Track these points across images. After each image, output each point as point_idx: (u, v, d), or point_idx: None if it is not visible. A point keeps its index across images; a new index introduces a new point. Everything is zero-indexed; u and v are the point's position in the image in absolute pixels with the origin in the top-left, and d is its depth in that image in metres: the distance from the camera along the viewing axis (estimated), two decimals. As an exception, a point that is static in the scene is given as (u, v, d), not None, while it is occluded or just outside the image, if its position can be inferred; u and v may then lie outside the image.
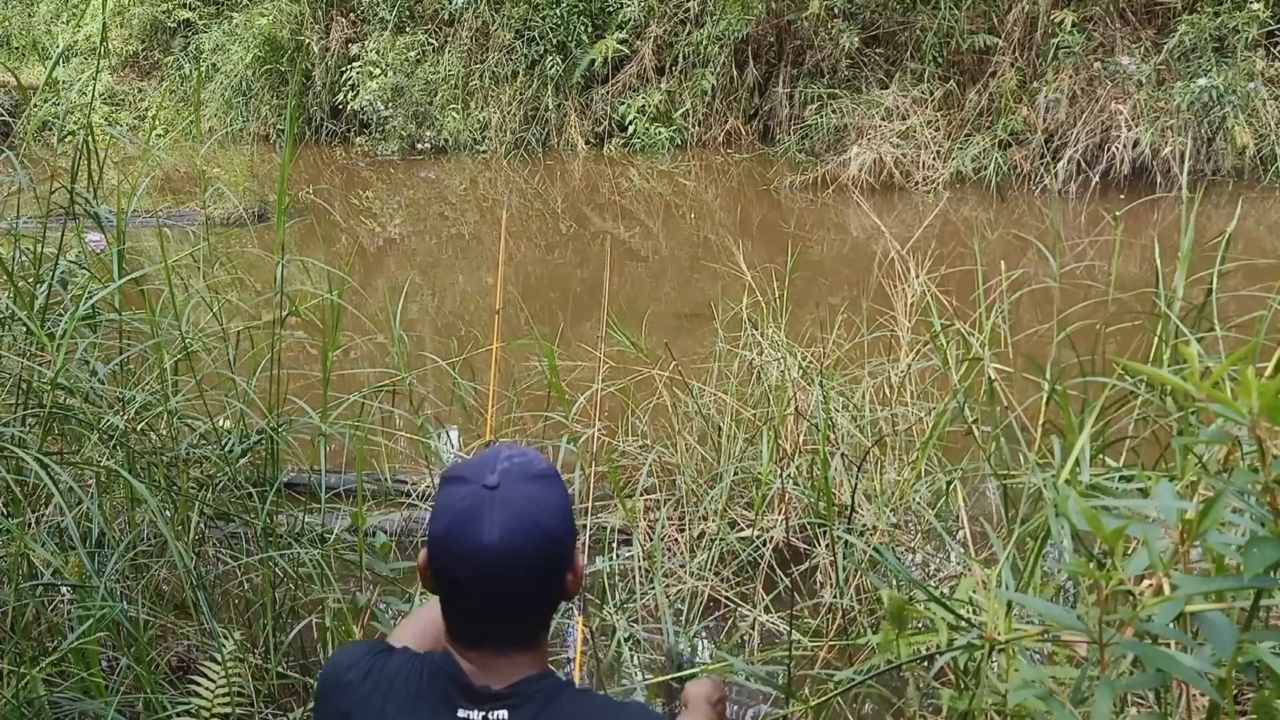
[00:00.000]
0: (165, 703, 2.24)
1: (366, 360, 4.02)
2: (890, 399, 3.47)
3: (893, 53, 10.34)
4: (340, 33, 12.37)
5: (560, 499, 1.14)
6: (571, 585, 1.16)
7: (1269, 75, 8.58)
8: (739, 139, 11.02)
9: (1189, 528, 0.91)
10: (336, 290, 2.79)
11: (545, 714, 1.09)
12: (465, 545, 1.08)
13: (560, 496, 1.14)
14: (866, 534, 3.09)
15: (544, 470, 1.14)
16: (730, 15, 10.64)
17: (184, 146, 10.75)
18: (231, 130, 12.81)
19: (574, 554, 1.16)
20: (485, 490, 1.09)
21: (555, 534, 1.11)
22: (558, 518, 1.12)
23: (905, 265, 3.56)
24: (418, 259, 8.78)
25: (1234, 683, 1.00)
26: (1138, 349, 2.62)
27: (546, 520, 1.10)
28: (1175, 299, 2.29)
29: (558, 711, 1.09)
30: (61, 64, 11.91)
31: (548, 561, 1.11)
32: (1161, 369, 1.91)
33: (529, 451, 1.17)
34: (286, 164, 2.57)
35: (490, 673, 1.11)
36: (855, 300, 3.91)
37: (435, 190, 11.05)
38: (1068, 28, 9.08)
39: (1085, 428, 1.82)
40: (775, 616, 3.08)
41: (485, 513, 1.07)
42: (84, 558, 2.21)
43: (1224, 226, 2.46)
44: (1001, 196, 8.92)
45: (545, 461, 1.16)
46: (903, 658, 1.61)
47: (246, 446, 2.76)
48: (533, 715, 1.09)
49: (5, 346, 2.51)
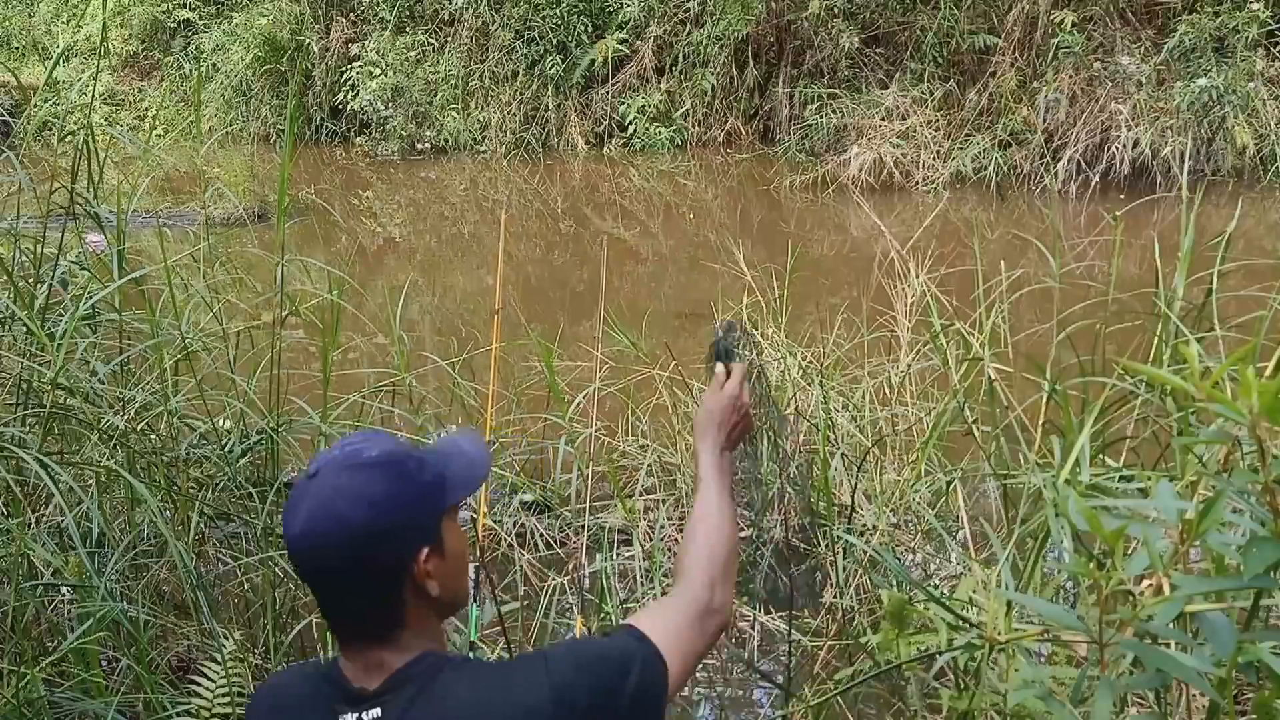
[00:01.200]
0: (165, 703, 2.24)
1: (366, 360, 4.02)
2: (890, 399, 3.47)
3: (893, 53, 10.34)
4: (340, 33, 12.38)
5: (376, 488, 1.06)
6: (422, 576, 1.08)
7: (1269, 75, 8.58)
8: (739, 139, 11.02)
9: (1189, 528, 0.91)
10: (336, 290, 2.79)
11: (420, 700, 1.05)
12: (285, 537, 1.08)
13: (378, 486, 1.06)
14: (866, 534, 3.09)
15: (372, 459, 1.08)
16: (730, 15, 10.64)
17: (184, 146, 10.75)
18: (231, 130, 12.82)
19: (404, 544, 1.08)
20: (305, 480, 1.08)
21: (356, 524, 1.04)
22: (364, 508, 1.05)
23: (905, 265, 3.56)
24: (418, 259, 8.78)
25: (1234, 683, 1.00)
26: (1138, 349, 2.62)
27: (348, 511, 1.04)
28: (1175, 299, 2.29)
29: (430, 698, 1.05)
30: (61, 64, 11.91)
31: (353, 552, 1.05)
32: (1161, 369, 1.91)
33: (374, 439, 1.11)
34: (286, 164, 2.57)
35: (369, 671, 1.08)
36: (855, 300, 3.91)
37: (435, 190, 11.05)
38: (1068, 28, 9.08)
39: (1085, 428, 1.82)
40: (775, 616, 3.08)
41: (298, 504, 1.07)
42: (84, 558, 2.21)
43: (1224, 226, 2.46)
44: (1001, 196, 8.92)
45: (384, 450, 1.09)
46: (903, 658, 1.61)
47: (246, 446, 2.76)
48: (405, 707, 1.05)
49: (5, 346, 2.51)
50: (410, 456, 1.11)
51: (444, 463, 1.14)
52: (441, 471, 1.13)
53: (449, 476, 1.14)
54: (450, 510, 1.14)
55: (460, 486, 1.14)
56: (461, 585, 1.18)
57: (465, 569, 1.18)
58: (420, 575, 1.08)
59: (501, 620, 2.42)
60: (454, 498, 1.13)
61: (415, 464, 1.10)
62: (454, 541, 1.14)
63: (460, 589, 1.17)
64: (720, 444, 1.44)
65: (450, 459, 1.16)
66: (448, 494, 1.13)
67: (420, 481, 1.10)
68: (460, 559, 1.16)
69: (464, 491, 1.15)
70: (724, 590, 1.26)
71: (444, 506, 1.12)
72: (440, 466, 1.13)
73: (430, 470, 1.11)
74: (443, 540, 1.11)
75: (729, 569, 1.30)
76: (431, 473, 1.11)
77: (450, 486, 1.13)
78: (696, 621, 1.20)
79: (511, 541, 3.37)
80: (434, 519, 1.11)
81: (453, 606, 1.17)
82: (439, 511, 1.11)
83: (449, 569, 1.13)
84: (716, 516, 1.34)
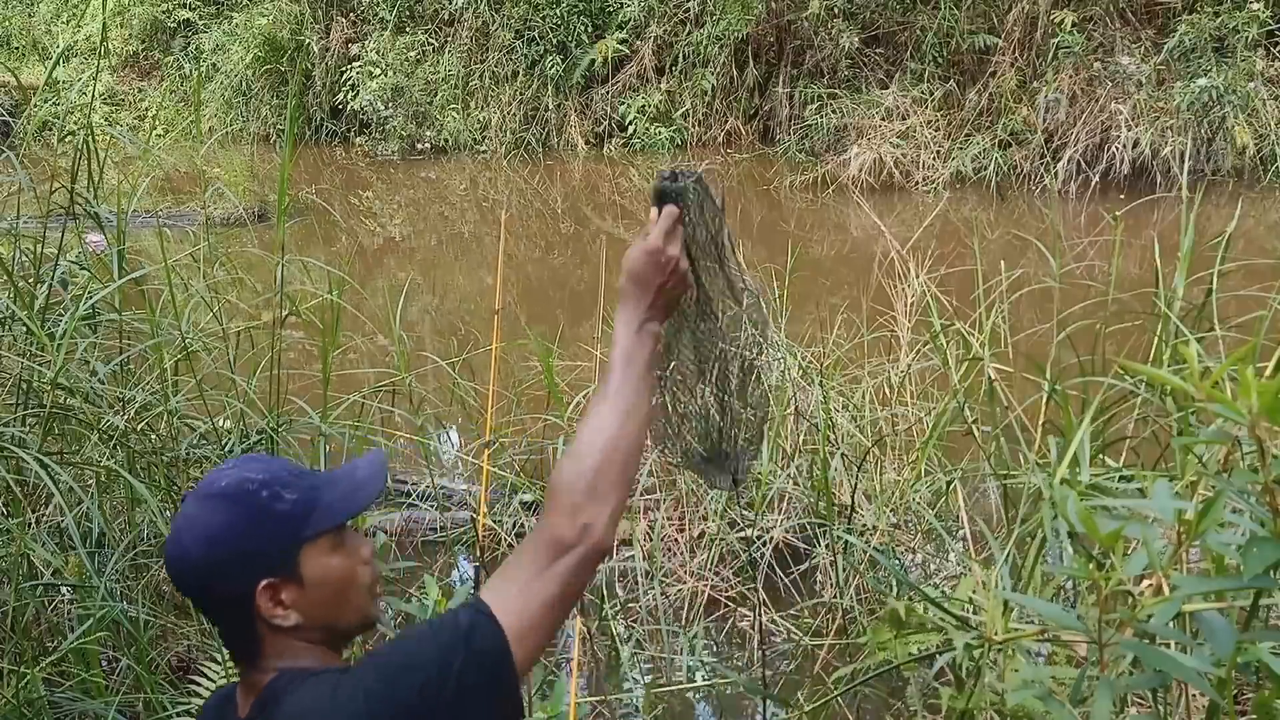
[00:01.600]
0: (165, 703, 2.24)
1: (366, 360, 4.02)
2: (890, 399, 3.47)
3: (893, 53, 10.34)
4: (340, 33, 12.38)
5: (215, 521, 1.06)
6: (265, 609, 1.06)
7: (1269, 75, 8.58)
8: (739, 139, 11.02)
9: (1188, 528, 0.91)
10: (336, 290, 2.79)
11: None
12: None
13: (218, 518, 1.06)
14: (866, 534, 3.09)
15: (219, 489, 1.07)
16: (730, 15, 10.64)
17: (184, 146, 10.75)
18: (231, 130, 12.82)
19: (242, 578, 1.06)
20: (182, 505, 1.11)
21: (196, 557, 1.05)
22: (202, 542, 1.05)
23: (905, 265, 3.56)
24: (418, 259, 8.78)
25: (1234, 683, 1.00)
26: (1138, 349, 2.62)
27: (189, 543, 1.06)
28: (1175, 299, 2.29)
29: (273, 716, 1.06)
30: (61, 64, 11.90)
31: (197, 582, 1.07)
32: (1161, 369, 1.91)
33: (239, 467, 1.10)
34: (286, 164, 2.57)
35: (247, 693, 1.10)
36: (855, 300, 3.91)
37: (435, 190, 11.05)
38: (1068, 28, 9.08)
39: (1085, 428, 1.82)
40: (775, 616, 3.08)
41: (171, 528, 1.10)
42: (84, 558, 2.21)
43: (1224, 226, 2.46)
44: (1001, 196, 8.92)
45: (236, 479, 1.08)
46: (901, 658, 1.61)
47: (246, 446, 2.76)
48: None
49: (5, 346, 2.51)
50: (267, 485, 1.08)
51: (317, 489, 1.11)
52: (309, 499, 1.09)
53: (319, 503, 1.10)
54: (322, 538, 1.09)
55: (332, 513, 1.10)
56: (347, 612, 1.12)
57: (352, 594, 1.12)
58: (263, 608, 1.06)
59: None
60: (322, 524, 1.09)
61: (270, 494, 1.07)
62: (326, 569, 1.10)
63: (346, 616, 1.12)
64: (641, 314, 1.19)
65: (332, 484, 1.12)
66: (310, 522, 1.08)
67: (271, 512, 1.07)
68: (341, 585, 1.11)
69: (336, 518, 1.10)
70: (595, 512, 1.06)
71: (302, 536, 1.08)
72: (310, 493, 1.10)
73: (289, 500, 1.08)
74: (299, 570, 1.08)
75: (614, 484, 1.08)
76: (290, 502, 1.08)
77: (318, 514, 1.09)
78: (548, 566, 1.05)
79: (511, 541, 3.37)
80: (283, 549, 1.07)
81: (341, 633, 1.14)
82: (294, 541, 1.08)
83: (316, 598, 1.09)
84: (610, 415, 1.12)
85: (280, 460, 1.14)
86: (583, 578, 1.07)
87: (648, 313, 1.19)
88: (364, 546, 1.15)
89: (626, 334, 1.18)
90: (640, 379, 1.16)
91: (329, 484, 1.12)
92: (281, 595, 1.07)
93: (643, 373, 1.16)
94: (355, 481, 1.14)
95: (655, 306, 1.20)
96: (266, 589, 1.06)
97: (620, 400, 1.13)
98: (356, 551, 1.13)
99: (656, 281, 1.20)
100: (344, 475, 1.14)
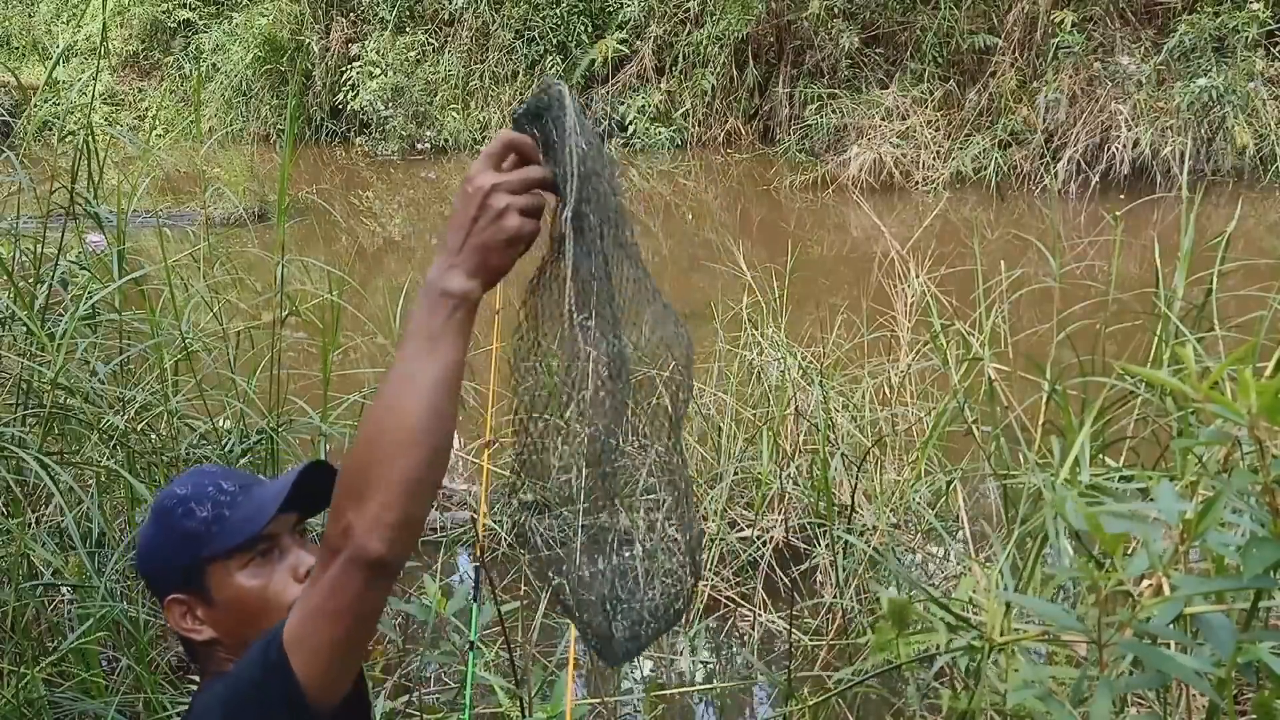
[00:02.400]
0: (165, 703, 2.24)
1: (366, 360, 4.02)
2: (890, 399, 3.47)
3: (893, 53, 10.34)
4: (340, 33, 12.38)
5: (143, 536, 1.12)
6: (173, 623, 1.09)
7: (1269, 75, 8.58)
8: (739, 139, 11.02)
9: (1188, 528, 0.91)
10: (336, 290, 2.79)
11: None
12: None
13: (144, 533, 1.12)
14: (866, 534, 3.09)
15: (154, 505, 1.12)
16: (730, 15, 10.64)
17: (184, 146, 10.75)
18: (231, 130, 12.81)
19: (157, 591, 1.11)
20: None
21: (142, 569, 1.14)
22: (137, 555, 1.14)
23: (905, 265, 3.56)
24: (418, 259, 8.78)
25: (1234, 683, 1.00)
26: (1138, 349, 2.62)
27: (141, 553, 1.13)
28: (1175, 299, 2.29)
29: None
30: (61, 64, 11.90)
31: (152, 589, 1.14)
32: (1161, 369, 1.91)
33: (184, 479, 1.13)
34: (286, 164, 2.57)
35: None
36: (855, 300, 3.91)
37: (435, 190, 11.05)
38: (1068, 28, 9.08)
39: (1085, 428, 1.82)
40: (775, 616, 3.08)
41: None
42: (84, 558, 2.21)
43: (1224, 226, 2.46)
44: (1001, 196, 8.92)
45: (164, 494, 1.12)
46: (902, 658, 1.61)
47: (246, 447, 2.76)
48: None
49: (5, 346, 2.51)
50: (184, 501, 1.09)
51: (229, 508, 1.08)
52: (217, 518, 1.08)
53: (226, 521, 1.08)
54: (232, 556, 1.07)
55: (233, 532, 1.07)
56: (262, 628, 1.01)
57: (270, 613, 1.05)
58: (172, 622, 1.10)
59: (502, 620, 2.42)
60: (225, 543, 1.07)
61: (184, 510, 1.08)
62: (236, 588, 1.07)
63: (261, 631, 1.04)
64: (441, 263, 0.91)
65: (245, 503, 1.09)
66: (213, 542, 1.07)
67: (178, 529, 1.08)
68: (256, 603, 1.06)
69: (235, 538, 1.07)
70: (355, 513, 0.87)
71: (202, 553, 1.07)
72: (220, 512, 1.08)
73: (199, 517, 1.08)
74: (207, 588, 1.08)
75: (379, 479, 0.87)
76: (200, 520, 1.08)
77: (222, 532, 1.07)
78: (321, 572, 0.90)
79: (511, 541, 3.37)
80: (186, 567, 1.08)
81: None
82: (194, 559, 1.07)
83: (228, 615, 1.07)
84: (379, 397, 0.90)
85: (221, 473, 1.13)
86: (354, 589, 0.89)
87: (449, 260, 0.91)
88: (303, 564, 1.09)
89: (424, 292, 0.92)
90: (419, 351, 0.89)
91: (246, 500, 1.10)
92: (196, 611, 1.09)
93: (427, 343, 0.89)
94: (266, 497, 1.09)
95: (457, 253, 0.91)
96: (172, 604, 1.09)
97: (394, 381, 0.89)
98: (290, 567, 1.09)
99: (464, 219, 0.91)
100: (261, 491, 1.11)
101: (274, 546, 1.09)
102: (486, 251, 0.91)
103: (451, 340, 0.90)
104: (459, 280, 0.91)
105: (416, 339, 0.90)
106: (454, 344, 0.90)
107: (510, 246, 0.92)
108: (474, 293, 0.91)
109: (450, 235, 0.92)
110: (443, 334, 0.90)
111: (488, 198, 0.91)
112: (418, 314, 0.91)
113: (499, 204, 0.91)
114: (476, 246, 0.91)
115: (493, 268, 0.92)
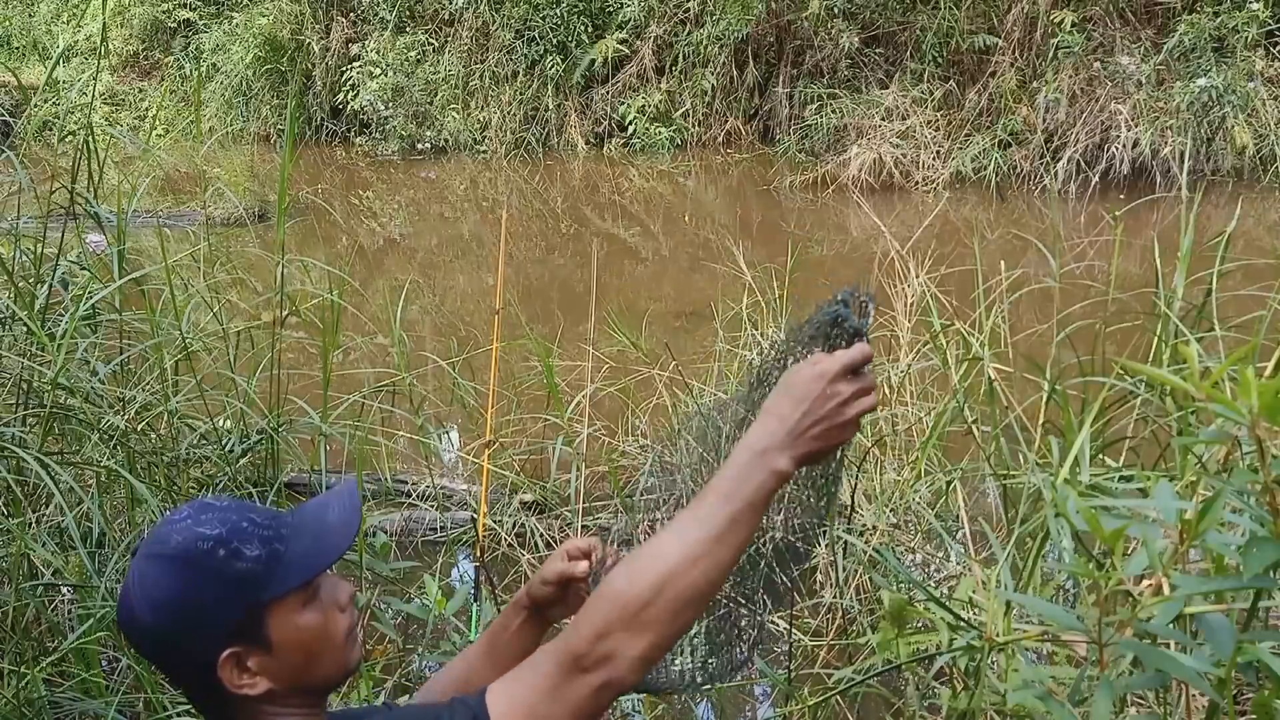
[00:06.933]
0: (165, 703, 2.24)
1: (367, 360, 4.02)
2: (890, 399, 3.47)
3: (893, 53, 10.34)
4: (340, 33, 12.38)
5: (164, 588, 0.95)
6: (229, 681, 0.96)
7: (1269, 75, 8.58)
8: (739, 139, 11.02)
9: (1188, 528, 0.91)
10: (336, 290, 2.79)
11: None
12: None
13: (166, 585, 0.95)
14: (866, 534, 3.09)
15: (168, 551, 0.96)
16: (730, 15, 10.64)
17: (184, 146, 10.75)
18: (231, 130, 12.81)
19: (199, 650, 0.96)
20: (134, 556, 1.00)
21: (147, 626, 0.95)
22: (151, 611, 0.95)
23: (905, 265, 3.56)
24: (418, 259, 8.78)
25: (1234, 683, 1.00)
26: (1138, 349, 2.62)
27: (140, 610, 0.95)
28: (1175, 299, 2.29)
29: None
30: (62, 64, 11.90)
31: (153, 651, 0.98)
32: (1161, 369, 1.91)
33: (192, 518, 0.98)
34: (287, 164, 2.58)
35: None
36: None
37: (435, 190, 11.05)
38: (1067, 28, 9.08)
39: (1085, 428, 1.82)
40: (775, 616, 3.07)
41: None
42: (84, 558, 2.21)
43: (1224, 226, 2.46)
44: (1001, 196, 8.92)
45: (187, 538, 0.96)
46: (902, 658, 1.61)
47: (246, 446, 2.76)
48: None
49: (5, 346, 2.51)
50: (224, 542, 0.96)
51: (283, 540, 0.99)
52: (271, 555, 0.98)
53: (285, 557, 0.98)
54: (290, 595, 0.98)
55: (300, 568, 0.98)
56: (324, 669, 1.01)
57: (328, 649, 1.01)
58: (227, 680, 0.96)
59: (501, 620, 2.42)
60: (290, 582, 0.98)
61: (227, 552, 0.95)
62: (297, 629, 0.99)
63: (323, 672, 1.02)
64: (774, 435, 0.95)
65: (299, 532, 1.01)
66: (273, 582, 0.97)
67: (226, 576, 0.95)
68: (316, 642, 1.00)
69: (305, 573, 0.99)
70: (624, 644, 0.92)
71: (264, 598, 0.97)
72: (272, 548, 0.98)
73: (250, 556, 0.96)
74: (266, 634, 0.97)
75: (655, 621, 0.93)
76: (251, 559, 0.96)
77: (284, 570, 0.98)
78: (561, 684, 0.94)
79: (511, 541, 3.37)
80: (245, 615, 0.97)
81: (319, 690, 1.03)
82: (257, 603, 0.97)
83: (287, 660, 0.99)
84: (677, 549, 0.94)
85: (240, 506, 1.01)
86: (592, 710, 0.94)
87: (783, 440, 0.95)
88: (341, 592, 1.04)
89: (745, 454, 0.95)
90: (732, 518, 0.94)
91: (296, 532, 1.00)
92: (248, 663, 0.97)
93: (741, 512, 0.94)
94: (326, 526, 1.02)
95: (795, 437, 0.95)
96: (229, 659, 0.96)
97: (697, 534, 0.94)
98: (333, 600, 1.03)
99: (815, 411, 0.95)
100: (313, 518, 1.02)
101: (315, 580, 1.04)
102: (821, 449, 0.97)
103: (760, 512, 0.96)
104: (788, 463, 0.95)
105: (734, 503, 0.94)
106: (760, 516, 0.96)
107: (841, 443, 0.99)
108: (791, 475, 0.97)
109: (789, 408, 0.96)
110: (760, 507, 0.95)
111: (842, 405, 0.96)
112: (741, 475, 0.95)
113: (850, 413, 0.97)
114: (813, 444, 0.96)
115: (813, 455, 0.98)
